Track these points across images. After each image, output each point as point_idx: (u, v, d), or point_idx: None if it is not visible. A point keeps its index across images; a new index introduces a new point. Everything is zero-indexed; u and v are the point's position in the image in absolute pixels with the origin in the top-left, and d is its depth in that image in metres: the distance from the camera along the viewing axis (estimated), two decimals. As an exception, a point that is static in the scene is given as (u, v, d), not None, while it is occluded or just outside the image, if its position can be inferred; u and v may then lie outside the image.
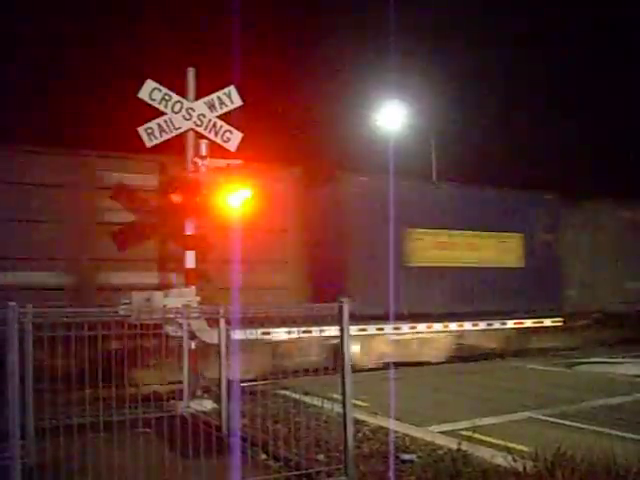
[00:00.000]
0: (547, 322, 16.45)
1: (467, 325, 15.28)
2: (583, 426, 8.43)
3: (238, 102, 10.66)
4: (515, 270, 16.45)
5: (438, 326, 14.85)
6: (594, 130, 31.92)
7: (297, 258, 12.96)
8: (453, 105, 31.37)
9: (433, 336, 14.96)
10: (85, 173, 11.57)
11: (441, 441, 7.52)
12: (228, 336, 8.25)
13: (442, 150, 26.63)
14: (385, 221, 13.88)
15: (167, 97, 10.19)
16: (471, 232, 15.89)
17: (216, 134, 10.45)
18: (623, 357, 15.34)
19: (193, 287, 9.99)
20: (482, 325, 15.49)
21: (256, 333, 7.31)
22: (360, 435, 7.62)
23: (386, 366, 13.32)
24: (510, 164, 28.89)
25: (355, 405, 6.73)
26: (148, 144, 10.09)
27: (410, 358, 14.47)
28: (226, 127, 10.53)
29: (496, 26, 33.04)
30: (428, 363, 14.69)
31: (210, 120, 10.44)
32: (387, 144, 24.53)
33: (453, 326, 15.08)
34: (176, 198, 10.24)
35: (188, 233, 10.32)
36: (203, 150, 10.25)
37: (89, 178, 11.54)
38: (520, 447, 6.73)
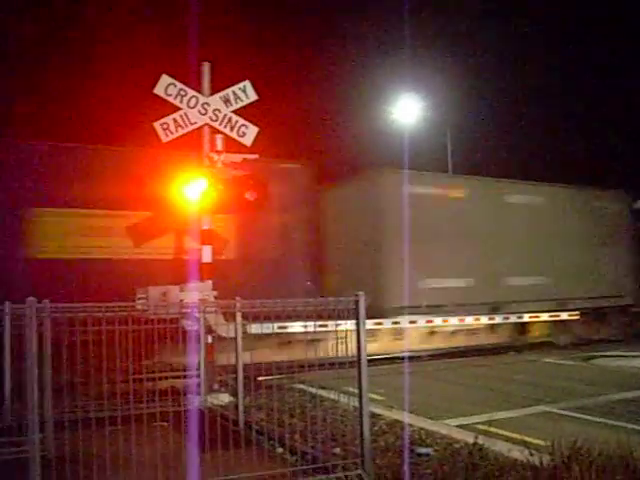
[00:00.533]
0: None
1: None
2: (599, 420, 8.40)
3: (253, 97, 10.68)
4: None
5: None
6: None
7: None
8: (469, 98, 31.22)
9: None
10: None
11: (457, 435, 7.51)
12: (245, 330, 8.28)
13: (458, 143, 26.51)
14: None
15: (183, 92, 10.24)
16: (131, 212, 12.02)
17: (232, 129, 10.48)
18: (641, 351, 15.22)
19: (209, 281, 10.04)
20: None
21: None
22: (376, 429, 7.61)
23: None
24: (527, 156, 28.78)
25: (371, 399, 6.73)
26: (164, 139, 10.15)
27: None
28: (241, 122, 10.56)
29: (511, 20, 32.84)
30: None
31: (225, 115, 10.47)
32: (402, 137, 24.49)
33: None
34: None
35: (204, 227, 10.40)
36: (219, 145, 10.30)
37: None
38: (536, 441, 6.71)
